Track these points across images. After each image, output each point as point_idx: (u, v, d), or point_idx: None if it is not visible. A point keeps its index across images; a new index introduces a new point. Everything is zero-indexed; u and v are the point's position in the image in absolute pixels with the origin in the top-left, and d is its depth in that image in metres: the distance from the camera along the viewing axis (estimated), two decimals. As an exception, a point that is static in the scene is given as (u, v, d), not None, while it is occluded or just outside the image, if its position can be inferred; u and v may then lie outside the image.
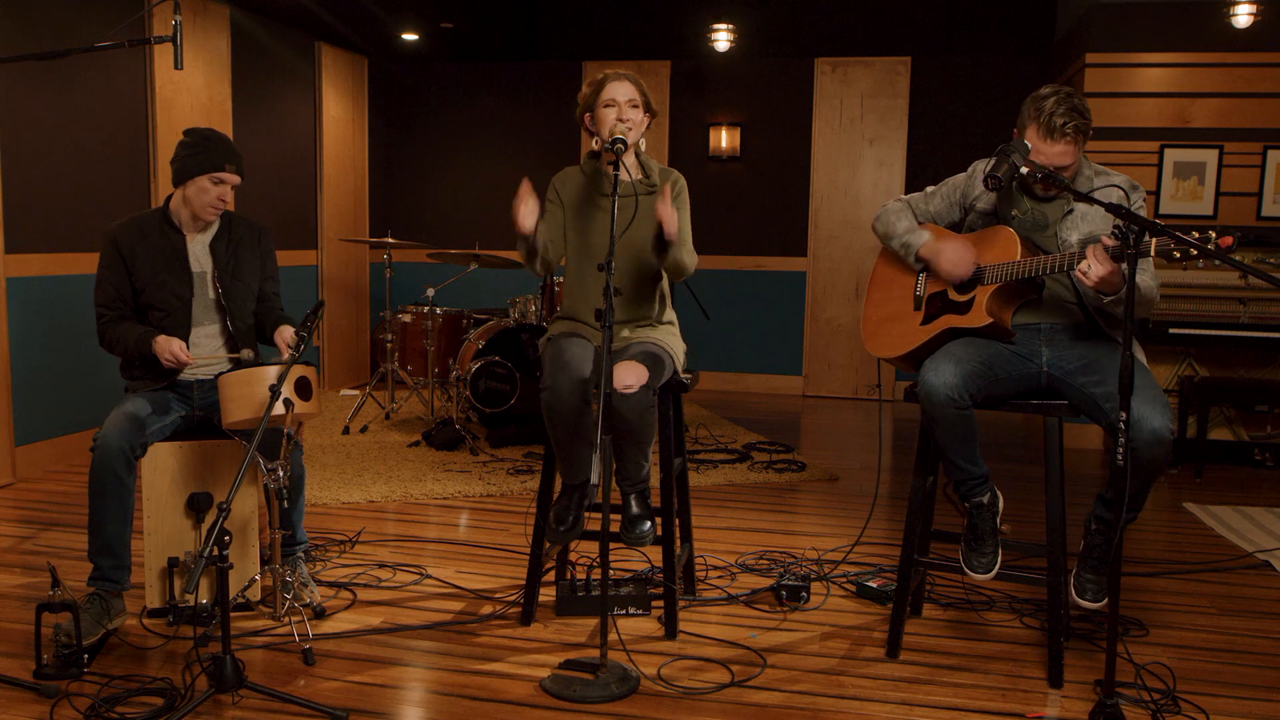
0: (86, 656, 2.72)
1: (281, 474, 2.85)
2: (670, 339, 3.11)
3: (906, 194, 7.25)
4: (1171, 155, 5.72)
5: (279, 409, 2.75)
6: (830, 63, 7.50)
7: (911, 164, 7.42)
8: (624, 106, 3.01)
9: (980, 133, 7.23)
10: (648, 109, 3.08)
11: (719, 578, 3.56)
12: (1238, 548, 4.05)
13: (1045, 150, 2.71)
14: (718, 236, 7.67)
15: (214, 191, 3.10)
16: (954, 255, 2.87)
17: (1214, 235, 2.38)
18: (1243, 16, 5.38)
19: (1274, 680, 2.84)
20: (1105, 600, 2.87)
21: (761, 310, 7.75)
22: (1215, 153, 5.68)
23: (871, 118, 7.48)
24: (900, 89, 7.41)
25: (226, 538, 2.43)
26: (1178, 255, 2.42)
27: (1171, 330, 5.29)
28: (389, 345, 6.26)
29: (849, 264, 7.61)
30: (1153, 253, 2.45)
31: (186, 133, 3.17)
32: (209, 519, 3.10)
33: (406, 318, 6.37)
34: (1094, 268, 2.54)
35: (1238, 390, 5.33)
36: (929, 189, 3.09)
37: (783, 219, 7.68)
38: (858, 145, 7.52)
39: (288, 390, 2.80)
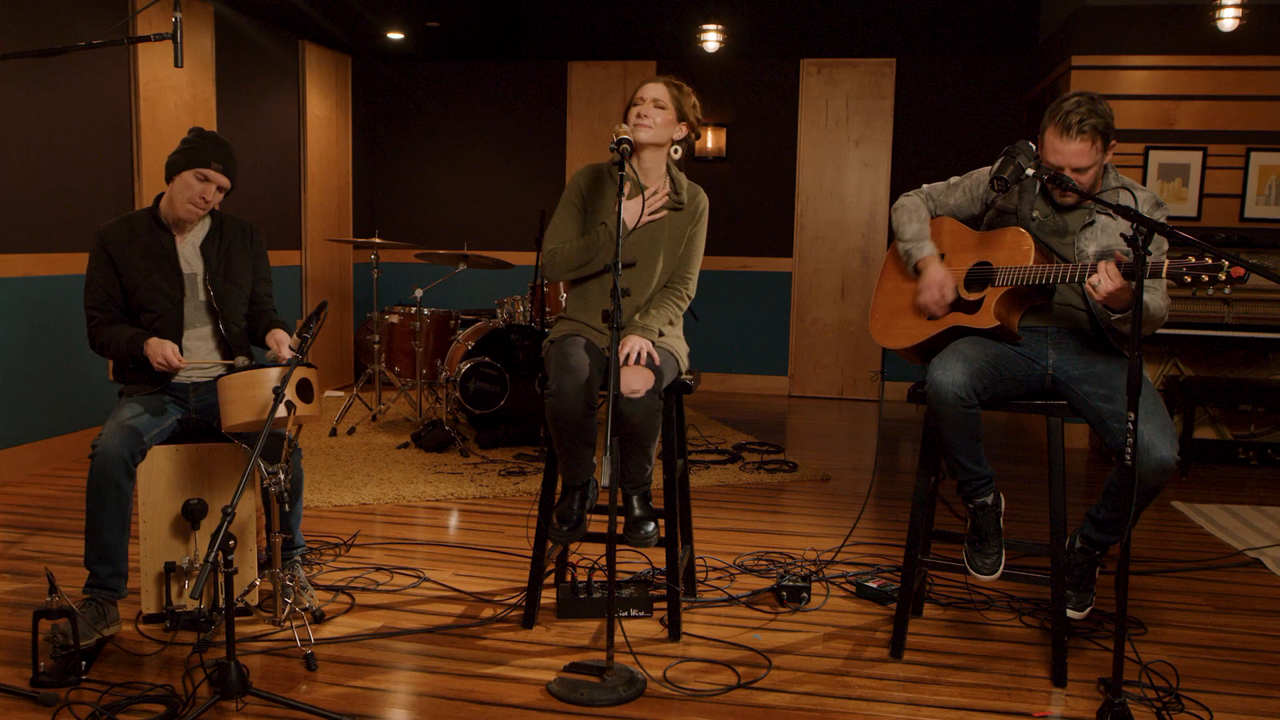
0: (84, 663, 2.68)
1: (283, 478, 2.82)
2: (674, 340, 3.10)
3: (893, 195, 7.32)
4: (1156, 157, 5.77)
5: (280, 411, 2.71)
6: (816, 64, 7.52)
7: (897, 165, 7.45)
8: (648, 104, 2.98)
9: (965, 133, 7.27)
10: (682, 118, 3.02)
11: (718, 579, 3.56)
12: (1227, 545, 4.09)
13: (1062, 149, 2.70)
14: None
15: (196, 188, 3.04)
16: (930, 295, 2.91)
17: (1226, 264, 2.39)
18: (1228, 20, 5.44)
19: (1274, 677, 2.87)
20: (1087, 611, 2.91)
21: (748, 311, 7.76)
22: (1199, 155, 5.74)
23: (857, 119, 7.50)
24: (885, 90, 7.43)
25: (231, 542, 2.40)
26: (1188, 280, 2.43)
27: (1158, 330, 5.33)
28: (376, 346, 6.22)
29: (835, 265, 7.63)
30: (1164, 275, 2.47)
31: (189, 131, 3.13)
32: (206, 523, 3.06)
33: (394, 318, 6.33)
34: (1104, 282, 2.54)
35: (1222, 389, 5.38)
36: (953, 179, 3.07)
37: (768, 220, 7.70)
38: (843, 146, 7.54)
39: (289, 392, 2.76)
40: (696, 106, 3.07)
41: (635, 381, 2.77)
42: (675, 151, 3.06)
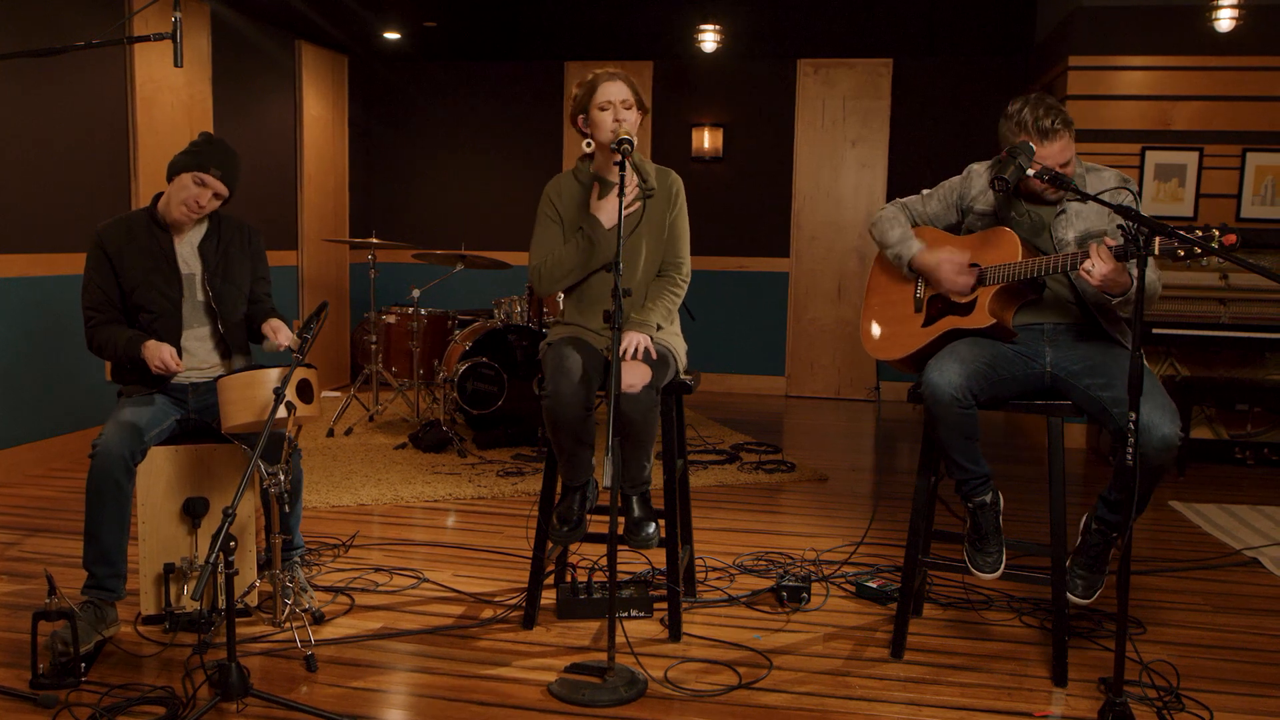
0: (84, 665, 2.67)
1: (283, 478, 2.81)
2: (672, 338, 3.10)
3: (889, 195, 7.33)
4: (1153, 157, 5.79)
5: (281, 412, 2.71)
6: (812, 64, 7.52)
7: (893, 165, 7.46)
8: (619, 107, 2.97)
9: (962, 134, 7.28)
10: (640, 107, 3.05)
11: (718, 579, 3.56)
12: (1225, 545, 4.10)
13: (1044, 153, 2.74)
14: (701, 237, 7.61)
15: (192, 190, 3.02)
16: (953, 271, 2.90)
17: (1217, 233, 2.40)
18: (1225, 20, 5.45)
19: (1274, 677, 2.87)
20: (1095, 596, 2.91)
21: (745, 311, 7.76)
22: (1195, 155, 5.75)
23: (854, 119, 7.51)
24: (882, 90, 7.44)
25: (232, 543, 2.39)
26: (1181, 254, 2.44)
27: (1154, 330, 5.35)
28: (373, 347, 6.21)
29: (831, 265, 7.64)
30: (1157, 251, 2.47)
31: (198, 135, 3.13)
32: (205, 524, 3.05)
33: (391, 319, 6.32)
34: (1098, 266, 2.57)
35: (1218, 389, 5.40)
36: (925, 191, 3.11)
37: (765, 220, 7.70)
38: (840, 147, 7.55)
39: (289, 393, 2.75)
40: (638, 86, 3.07)
41: (632, 376, 2.77)
42: (634, 141, 3.05)
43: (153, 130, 5.52)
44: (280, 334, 3.09)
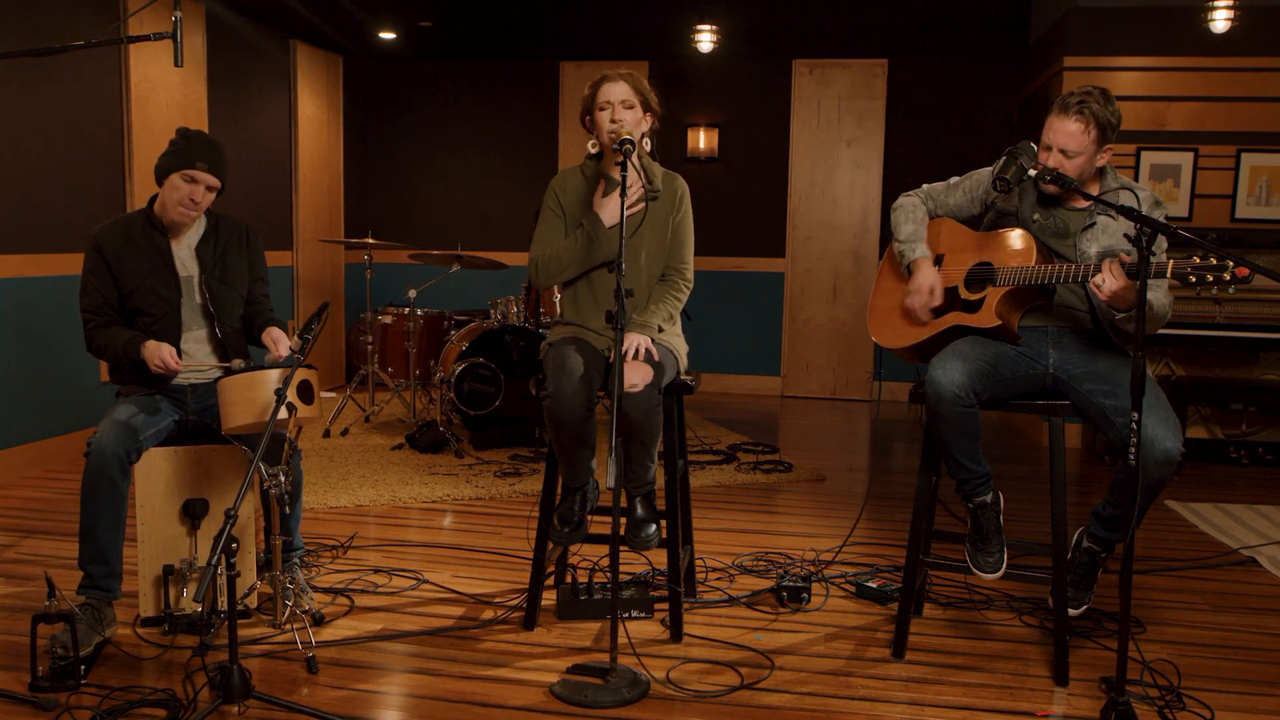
0: (83, 668, 2.65)
1: (284, 480, 2.80)
2: (674, 339, 3.10)
3: (885, 196, 7.32)
4: (1148, 158, 5.80)
5: (281, 413, 2.69)
6: (808, 64, 7.53)
7: (889, 166, 7.46)
8: (617, 107, 2.97)
9: (957, 135, 7.29)
10: (647, 108, 3.04)
11: (718, 579, 3.56)
12: (1222, 544, 4.11)
13: (1056, 127, 2.75)
14: (697, 237, 7.63)
15: (184, 189, 3.00)
16: (919, 299, 2.93)
17: (1231, 264, 2.40)
18: (1220, 21, 5.47)
19: (1275, 675, 2.88)
20: (1084, 609, 2.91)
21: (740, 311, 7.77)
22: (1190, 155, 5.76)
23: (849, 119, 7.51)
24: (877, 91, 7.45)
25: (234, 545, 2.38)
26: (1193, 280, 2.43)
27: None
28: (369, 347, 6.19)
29: (827, 265, 7.64)
30: (1169, 274, 2.47)
31: (175, 132, 3.10)
32: (205, 526, 3.04)
33: (387, 319, 6.31)
34: (1108, 281, 2.56)
35: (1214, 389, 5.41)
36: (953, 179, 3.09)
37: (761, 220, 7.70)
38: (835, 147, 7.55)
39: (290, 394, 2.74)
40: (650, 90, 3.04)
41: (634, 376, 2.77)
42: (645, 144, 3.05)
43: (148, 130, 5.50)
44: (280, 345, 3.07)
